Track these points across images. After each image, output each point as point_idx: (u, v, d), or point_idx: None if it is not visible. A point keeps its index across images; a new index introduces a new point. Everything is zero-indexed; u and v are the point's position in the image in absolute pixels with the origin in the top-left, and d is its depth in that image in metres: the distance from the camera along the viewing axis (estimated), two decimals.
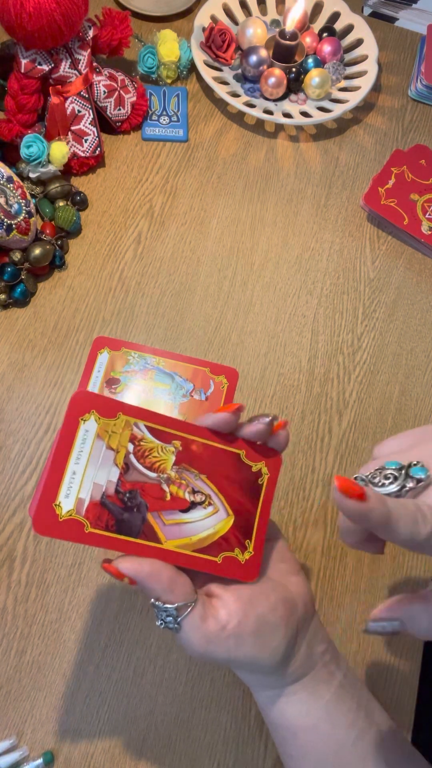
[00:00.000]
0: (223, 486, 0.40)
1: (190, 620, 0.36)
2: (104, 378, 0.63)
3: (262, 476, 0.41)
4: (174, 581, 0.36)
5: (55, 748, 0.50)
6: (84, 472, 0.37)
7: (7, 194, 0.61)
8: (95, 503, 0.36)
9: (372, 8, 0.89)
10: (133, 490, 0.38)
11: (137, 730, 0.51)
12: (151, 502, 0.38)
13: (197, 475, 0.39)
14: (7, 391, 0.62)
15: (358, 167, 0.78)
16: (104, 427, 0.38)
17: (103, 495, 0.37)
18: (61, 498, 0.36)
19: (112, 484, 0.37)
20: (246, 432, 0.40)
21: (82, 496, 0.36)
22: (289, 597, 0.39)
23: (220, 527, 0.39)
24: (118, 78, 0.72)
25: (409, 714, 0.53)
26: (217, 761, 0.51)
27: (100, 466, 0.37)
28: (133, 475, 0.38)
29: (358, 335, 0.68)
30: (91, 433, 0.37)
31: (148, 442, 0.39)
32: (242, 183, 0.75)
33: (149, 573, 0.35)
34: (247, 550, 0.39)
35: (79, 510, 0.36)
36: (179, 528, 0.38)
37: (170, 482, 0.39)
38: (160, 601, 0.35)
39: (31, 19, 0.59)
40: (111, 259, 0.69)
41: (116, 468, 0.38)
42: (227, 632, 0.36)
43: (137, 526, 0.37)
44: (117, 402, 0.39)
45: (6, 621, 0.54)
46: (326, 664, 0.40)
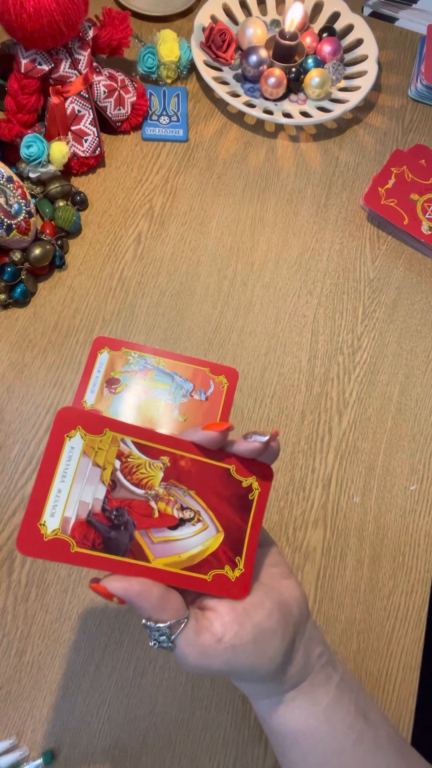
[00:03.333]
0: (213, 502, 0.39)
1: (184, 637, 0.35)
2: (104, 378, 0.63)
3: (253, 491, 0.40)
4: (164, 599, 0.35)
5: (55, 748, 0.50)
6: (70, 490, 0.36)
7: (7, 194, 0.61)
8: (81, 522, 0.36)
9: (372, 8, 0.89)
10: (121, 507, 0.37)
11: (137, 730, 0.51)
12: (138, 520, 0.37)
13: (186, 491, 0.39)
14: (7, 391, 0.62)
15: (358, 167, 0.78)
16: (90, 443, 0.37)
17: (90, 513, 0.36)
18: (46, 517, 0.35)
19: (99, 501, 0.36)
20: (240, 449, 0.39)
21: (67, 514, 0.35)
22: (283, 601, 0.38)
23: (210, 544, 0.38)
24: (118, 78, 0.72)
25: (409, 714, 0.53)
26: (217, 761, 0.51)
27: (86, 484, 0.36)
28: (121, 492, 0.37)
29: (358, 335, 0.68)
30: (77, 450, 0.37)
31: (136, 458, 0.38)
32: (242, 183, 0.75)
33: (138, 592, 0.35)
34: (237, 567, 0.39)
35: (64, 529, 0.35)
36: (168, 545, 0.38)
37: (158, 499, 0.38)
38: (151, 621, 0.35)
39: (31, 19, 0.59)
40: (111, 259, 0.69)
41: (103, 485, 0.37)
42: (224, 644, 0.35)
43: (124, 544, 0.36)
44: (103, 417, 0.38)
45: (6, 621, 0.54)
46: (323, 667, 0.40)
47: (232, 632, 0.36)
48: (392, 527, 0.60)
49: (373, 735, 0.39)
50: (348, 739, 0.39)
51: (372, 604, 0.57)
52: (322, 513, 0.60)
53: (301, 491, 0.60)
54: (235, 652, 0.36)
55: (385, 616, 0.56)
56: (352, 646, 0.55)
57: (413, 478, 0.62)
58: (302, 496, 0.60)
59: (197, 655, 0.35)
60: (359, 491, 0.61)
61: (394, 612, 0.56)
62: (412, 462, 0.62)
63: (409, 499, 0.61)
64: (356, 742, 0.39)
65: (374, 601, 0.57)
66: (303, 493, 0.60)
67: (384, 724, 0.41)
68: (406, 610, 0.57)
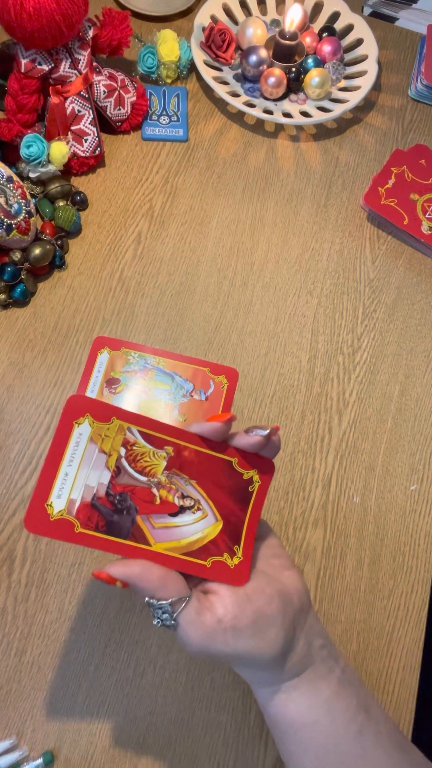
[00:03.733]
0: (213, 492, 0.40)
1: (186, 615, 0.36)
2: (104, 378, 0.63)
3: (253, 484, 0.41)
4: (165, 578, 0.36)
5: (55, 748, 0.50)
6: (76, 473, 0.38)
7: (7, 194, 0.61)
8: (86, 504, 0.37)
9: (372, 8, 0.89)
10: (124, 493, 0.38)
11: (137, 730, 0.51)
12: (140, 505, 0.39)
13: (187, 481, 0.40)
14: (7, 391, 0.62)
15: (358, 167, 0.78)
16: (98, 430, 0.39)
17: (94, 497, 0.38)
18: (53, 498, 0.37)
19: (103, 486, 0.38)
20: (242, 443, 0.40)
21: (73, 497, 0.37)
22: (284, 590, 0.39)
23: (209, 532, 0.40)
24: (118, 78, 0.72)
25: (409, 714, 0.54)
26: (217, 761, 0.51)
27: (92, 469, 0.38)
28: (124, 478, 0.39)
29: (358, 335, 0.68)
30: (84, 436, 0.38)
31: (141, 446, 0.39)
32: (242, 183, 0.75)
33: (140, 573, 0.36)
34: (236, 555, 0.40)
35: (70, 510, 0.37)
36: (168, 531, 0.39)
37: (160, 486, 0.39)
38: (154, 599, 0.36)
39: (31, 19, 0.59)
40: (111, 259, 0.69)
41: (108, 471, 0.38)
42: (224, 625, 0.36)
43: (126, 528, 0.38)
44: (111, 406, 0.39)
45: (6, 621, 0.54)
46: (324, 660, 0.40)
47: (233, 614, 0.36)
48: (392, 527, 0.60)
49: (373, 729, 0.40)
50: (349, 731, 0.39)
51: (372, 604, 0.57)
52: (322, 513, 0.60)
53: (301, 491, 0.60)
54: (235, 633, 0.36)
55: (385, 616, 0.56)
56: (352, 646, 0.55)
57: (413, 478, 0.62)
58: (302, 496, 0.60)
59: (198, 635, 0.36)
60: (359, 491, 0.61)
61: (394, 612, 0.56)
62: (412, 462, 0.62)
63: (409, 499, 0.61)
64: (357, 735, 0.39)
65: (374, 601, 0.57)
66: (303, 493, 0.60)
67: (385, 720, 0.41)
68: (406, 610, 0.57)
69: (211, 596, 0.38)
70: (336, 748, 0.39)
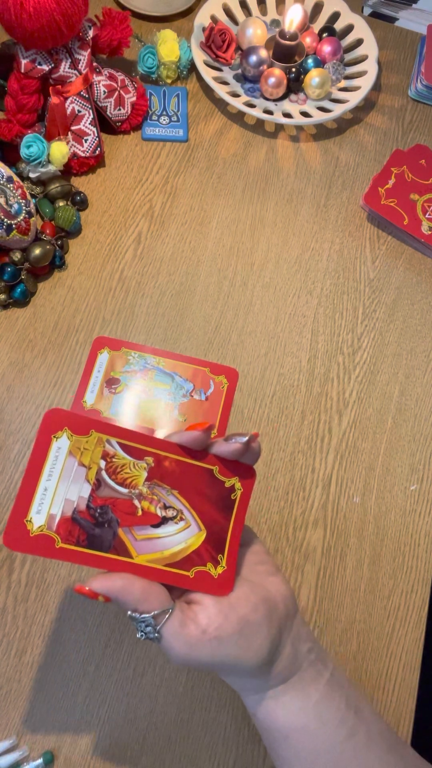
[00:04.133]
0: (195, 501, 0.40)
1: (170, 627, 0.36)
2: (104, 378, 0.63)
3: (235, 491, 0.41)
4: (147, 591, 0.36)
5: (55, 748, 0.50)
6: (56, 488, 0.37)
7: (7, 194, 0.61)
8: (66, 519, 0.37)
9: (372, 8, 0.89)
10: (105, 505, 0.38)
11: (137, 730, 0.51)
12: (122, 518, 0.38)
13: (169, 491, 0.40)
14: (7, 391, 0.62)
15: (358, 167, 0.78)
16: (76, 444, 0.38)
17: (75, 510, 0.37)
18: (33, 514, 0.36)
19: (84, 500, 0.38)
20: (222, 451, 0.40)
21: (53, 511, 0.37)
22: (269, 597, 0.39)
23: (192, 542, 0.39)
24: (118, 78, 0.72)
25: (409, 714, 0.53)
26: (217, 761, 0.51)
27: (71, 483, 0.38)
28: (105, 491, 0.38)
29: (358, 335, 0.68)
30: (63, 450, 0.38)
31: (120, 458, 0.39)
32: (242, 183, 0.75)
33: (121, 587, 0.36)
34: (219, 565, 0.40)
35: (50, 526, 0.36)
36: (151, 543, 0.39)
37: (142, 498, 0.39)
38: (136, 612, 0.35)
39: (31, 19, 0.59)
40: (111, 259, 0.69)
41: (88, 484, 0.38)
42: (209, 635, 0.36)
43: (108, 541, 0.37)
44: (89, 419, 0.39)
45: (6, 621, 0.54)
46: (312, 663, 0.40)
47: (217, 624, 0.36)
48: (392, 527, 0.60)
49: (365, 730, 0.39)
50: (339, 734, 0.39)
51: (372, 604, 0.57)
52: (322, 513, 0.60)
53: (301, 491, 0.60)
54: (220, 643, 0.36)
55: (385, 616, 0.56)
56: (352, 646, 0.55)
57: (413, 478, 0.62)
58: (302, 496, 0.60)
59: (183, 646, 0.36)
60: (359, 491, 0.61)
61: (394, 612, 0.56)
62: (412, 462, 0.62)
63: (409, 499, 0.61)
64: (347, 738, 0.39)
65: (374, 601, 0.57)
66: (303, 493, 0.60)
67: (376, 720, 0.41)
68: (406, 610, 0.57)
69: (194, 606, 0.37)
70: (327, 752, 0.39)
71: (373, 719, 0.41)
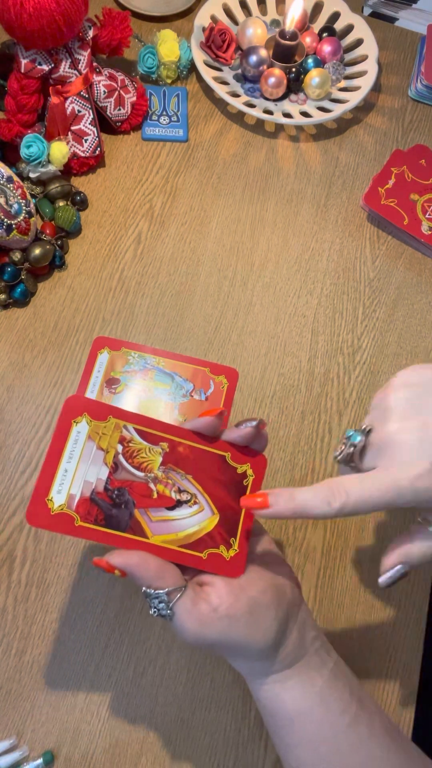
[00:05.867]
0: (209, 486, 0.42)
1: (182, 604, 0.37)
2: (104, 378, 0.63)
3: (248, 477, 0.43)
4: (162, 569, 0.37)
5: (55, 748, 0.50)
6: (75, 470, 0.39)
7: (7, 194, 0.61)
8: (85, 499, 0.39)
9: (372, 8, 0.89)
10: (122, 488, 0.40)
11: (137, 730, 0.51)
12: (138, 500, 0.40)
13: (183, 476, 0.41)
14: (7, 391, 0.62)
15: (358, 167, 0.78)
16: (95, 429, 0.40)
17: (93, 492, 0.39)
18: (54, 493, 0.39)
19: (102, 481, 0.40)
20: (233, 436, 0.41)
21: (73, 492, 0.39)
22: (277, 582, 0.40)
23: (206, 525, 0.41)
24: (118, 78, 0.72)
25: (409, 714, 0.54)
26: (217, 761, 0.51)
27: (90, 465, 0.40)
28: (122, 474, 0.40)
29: (358, 335, 0.68)
30: (82, 435, 0.40)
31: (137, 443, 0.41)
32: (242, 183, 0.75)
33: (137, 563, 0.37)
34: (232, 548, 0.41)
35: (70, 505, 0.39)
36: (165, 524, 0.40)
37: (157, 481, 0.41)
38: (151, 588, 0.37)
39: (31, 19, 0.59)
40: (111, 259, 0.69)
41: (106, 467, 0.40)
42: (219, 614, 0.37)
43: (125, 521, 0.39)
44: (108, 406, 0.41)
45: (6, 621, 0.54)
46: (317, 651, 0.41)
47: (228, 603, 0.38)
48: (392, 527, 0.60)
49: (367, 720, 0.40)
50: (342, 721, 0.40)
51: (372, 604, 0.57)
52: None
53: None
54: (230, 622, 0.37)
55: (385, 616, 0.56)
56: (352, 646, 0.55)
57: None
58: None
59: (194, 624, 0.37)
60: None
61: (394, 612, 0.56)
62: None
63: None
64: (350, 726, 0.40)
65: (374, 601, 0.57)
66: None
67: (378, 712, 0.41)
68: (406, 610, 0.57)
69: (206, 587, 0.39)
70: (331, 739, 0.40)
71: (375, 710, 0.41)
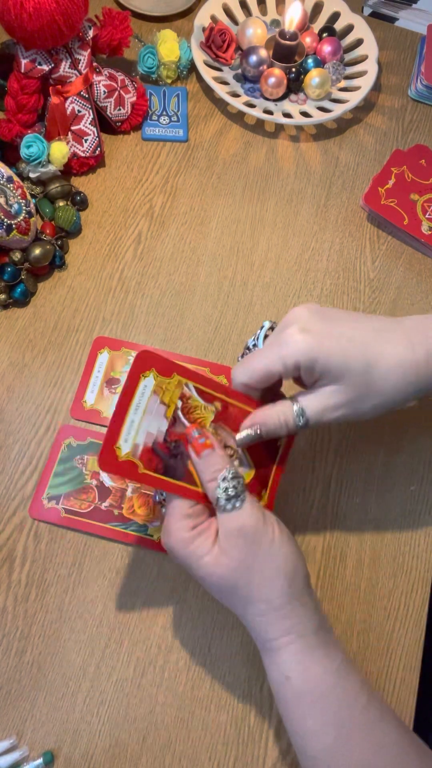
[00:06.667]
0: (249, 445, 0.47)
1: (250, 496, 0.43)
2: (104, 378, 0.63)
3: (281, 440, 0.48)
4: None
5: (55, 748, 0.50)
6: (140, 421, 0.43)
7: (7, 194, 0.61)
8: (148, 449, 0.43)
9: (372, 8, 0.89)
10: (178, 440, 0.44)
11: (137, 730, 0.51)
12: None
13: (230, 433, 0.46)
14: (7, 391, 0.62)
15: (358, 167, 0.78)
16: (160, 384, 0.44)
17: (154, 442, 0.43)
18: (121, 442, 0.42)
19: (162, 434, 0.44)
20: None
21: (137, 441, 0.43)
22: None
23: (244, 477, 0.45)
24: (118, 78, 0.72)
25: (410, 714, 0.54)
26: (217, 761, 0.51)
27: (153, 418, 0.43)
28: (179, 427, 0.45)
29: None
30: (149, 388, 0.44)
31: (194, 401, 0.45)
32: (242, 183, 0.75)
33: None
34: (262, 499, 0.47)
35: (134, 453, 0.43)
36: None
37: None
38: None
39: (31, 19, 0.59)
40: (111, 259, 0.69)
41: (165, 420, 0.44)
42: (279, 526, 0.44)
43: (180, 470, 0.44)
44: (173, 363, 0.45)
45: (6, 621, 0.54)
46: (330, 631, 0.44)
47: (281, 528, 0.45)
48: (392, 527, 0.60)
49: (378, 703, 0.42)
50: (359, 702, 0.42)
51: (372, 604, 0.57)
52: (322, 513, 0.60)
53: (302, 491, 0.60)
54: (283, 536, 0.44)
55: (385, 616, 0.56)
56: (352, 646, 0.55)
57: (413, 478, 0.62)
58: (302, 497, 0.60)
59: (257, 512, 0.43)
60: (359, 491, 0.61)
61: (394, 612, 0.56)
62: (412, 462, 0.62)
63: (409, 499, 0.61)
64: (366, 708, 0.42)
65: (374, 601, 0.57)
66: (303, 494, 0.60)
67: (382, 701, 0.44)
68: (406, 610, 0.57)
69: None
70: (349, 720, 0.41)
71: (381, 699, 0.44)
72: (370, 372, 0.43)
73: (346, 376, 0.43)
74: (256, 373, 0.45)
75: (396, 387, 0.43)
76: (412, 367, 0.43)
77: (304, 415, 0.45)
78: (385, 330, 0.44)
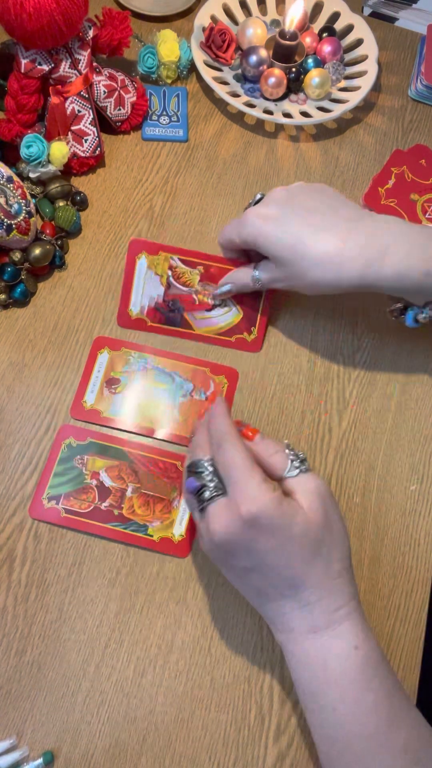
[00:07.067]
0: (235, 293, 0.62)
1: None
2: (104, 378, 0.63)
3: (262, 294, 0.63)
4: None
5: (55, 748, 0.50)
6: (143, 290, 0.62)
7: (7, 194, 0.61)
8: (151, 308, 0.62)
9: (372, 8, 0.89)
10: (175, 299, 0.62)
11: (137, 730, 0.51)
12: (186, 306, 0.63)
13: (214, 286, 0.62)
14: (7, 391, 0.62)
15: (358, 167, 0.78)
16: (151, 261, 0.63)
17: (156, 303, 0.62)
18: (132, 306, 0.63)
19: (160, 296, 0.62)
20: None
21: (143, 303, 0.63)
22: None
23: (233, 319, 0.63)
24: (118, 78, 0.72)
25: None
26: (217, 761, 0.51)
27: (151, 286, 0.62)
28: (173, 290, 0.62)
29: (357, 335, 0.68)
30: (143, 265, 0.63)
31: (181, 268, 0.63)
32: (242, 183, 0.75)
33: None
34: (252, 334, 0.63)
35: (142, 312, 0.63)
36: (206, 321, 0.63)
37: (198, 293, 0.63)
38: None
39: (31, 19, 0.59)
40: (111, 259, 0.69)
41: (161, 286, 0.63)
42: None
43: (178, 320, 0.63)
44: (158, 244, 0.63)
45: (6, 621, 0.54)
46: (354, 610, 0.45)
47: None
48: (392, 527, 0.60)
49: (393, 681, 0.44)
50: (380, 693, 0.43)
51: (372, 604, 0.57)
52: None
53: None
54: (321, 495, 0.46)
55: (385, 616, 0.56)
56: None
57: (413, 478, 0.62)
58: None
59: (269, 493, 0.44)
60: (359, 491, 0.61)
61: (394, 612, 0.56)
62: (412, 462, 0.62)
63: (409, 499, 0.61)
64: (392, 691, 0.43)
65: (374, 601, 0.57)
66: None
67: None
68: (406, 610, 0.57)
69: None
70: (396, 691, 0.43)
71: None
72: (298, 262, 0.52)
73: (279, 260, 0.54)
74: (224, 238, 0.59)
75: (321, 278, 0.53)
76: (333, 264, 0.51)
77: (259, 280, 0.58)
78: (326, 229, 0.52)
